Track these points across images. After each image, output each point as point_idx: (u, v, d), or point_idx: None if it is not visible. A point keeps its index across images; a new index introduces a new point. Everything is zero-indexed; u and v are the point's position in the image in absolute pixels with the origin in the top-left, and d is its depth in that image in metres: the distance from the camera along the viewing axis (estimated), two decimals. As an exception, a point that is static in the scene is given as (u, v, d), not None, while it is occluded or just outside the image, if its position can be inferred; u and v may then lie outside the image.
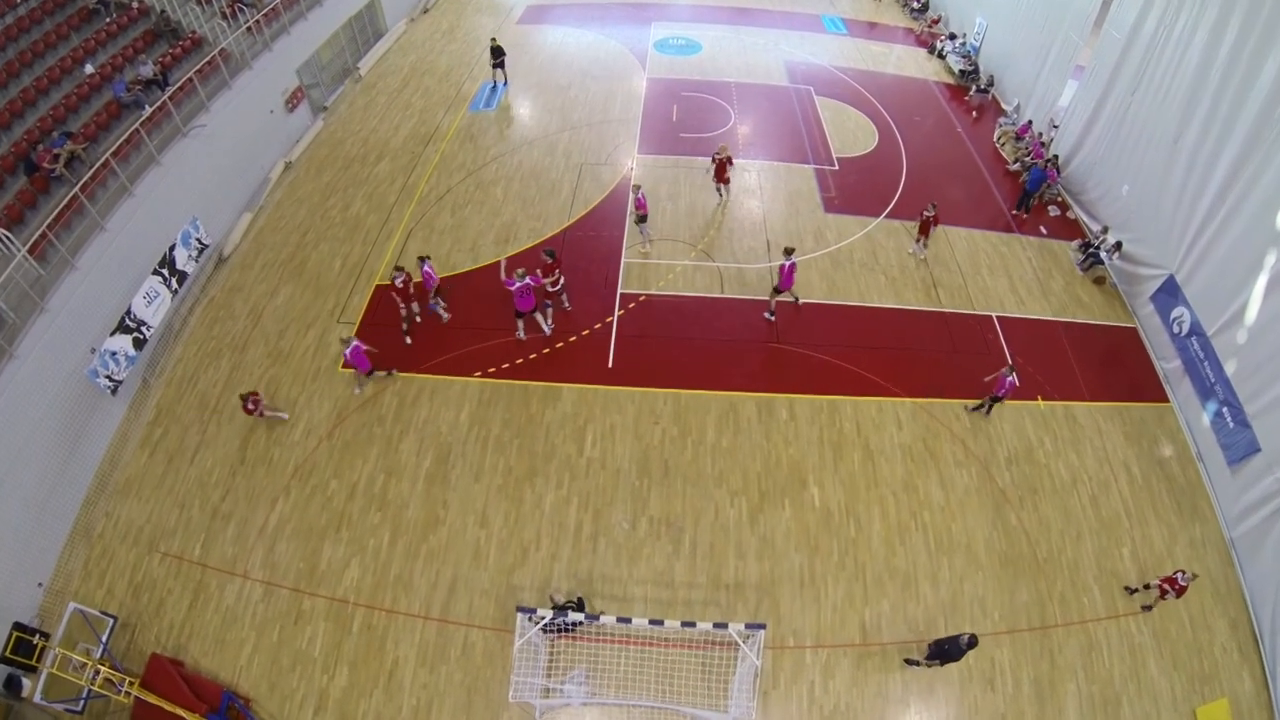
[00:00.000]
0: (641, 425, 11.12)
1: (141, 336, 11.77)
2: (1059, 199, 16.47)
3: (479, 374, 11.87)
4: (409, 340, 12.45)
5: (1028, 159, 17.26)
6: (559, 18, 24.37)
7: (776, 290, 12.61)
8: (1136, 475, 11.23)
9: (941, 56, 22.64)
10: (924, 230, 14.20)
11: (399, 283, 11.92)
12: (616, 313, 12.90)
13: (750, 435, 11.04)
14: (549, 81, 20.40)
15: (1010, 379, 10.77)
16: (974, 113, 20.15)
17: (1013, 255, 14.96)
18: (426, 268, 12.29)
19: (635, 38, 23.10)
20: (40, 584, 9.47)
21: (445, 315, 12.71)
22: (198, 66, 14.07)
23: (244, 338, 12.76)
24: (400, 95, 19.68)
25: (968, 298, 13.77)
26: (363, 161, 17.02)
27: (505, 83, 19.87)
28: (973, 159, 18.21)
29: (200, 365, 12.36)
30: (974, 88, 20.68)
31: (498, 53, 19.42)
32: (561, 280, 12.38)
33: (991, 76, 20.68)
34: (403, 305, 12.25)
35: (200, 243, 13.40)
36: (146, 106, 12.95)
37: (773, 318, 12.82)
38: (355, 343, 11.01)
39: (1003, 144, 18.65)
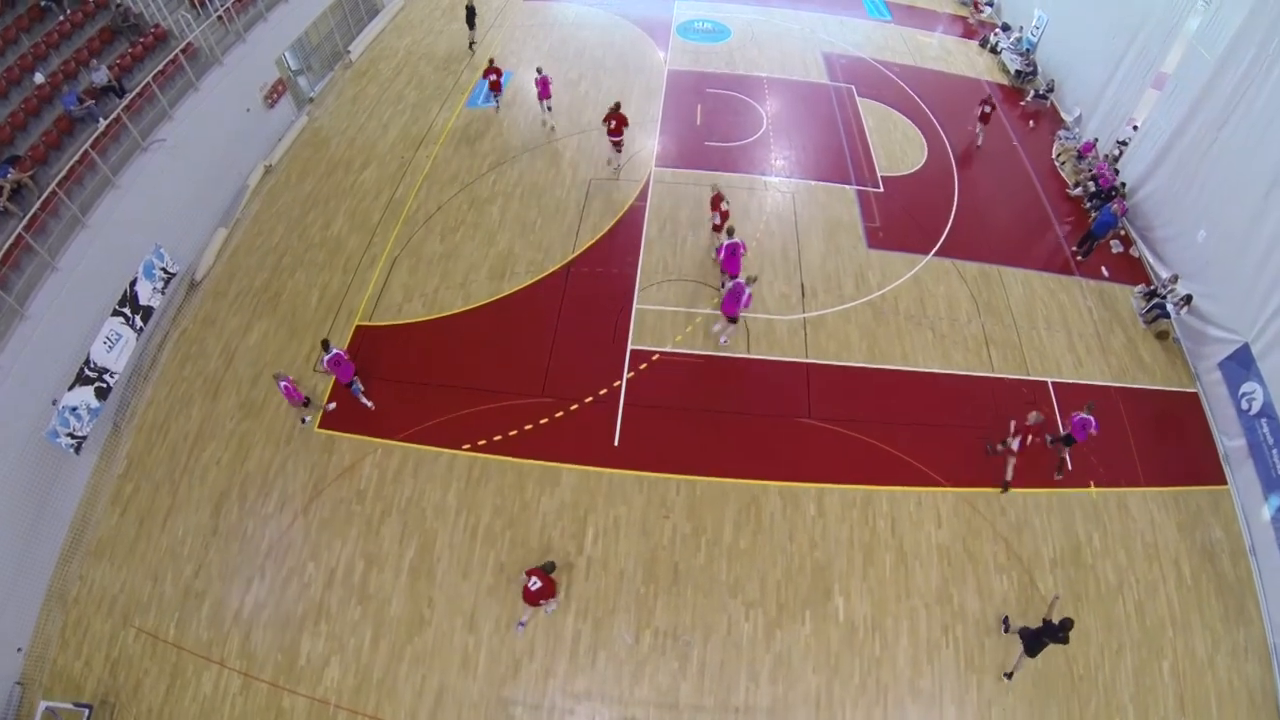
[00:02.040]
0: (650, 519, 10.01)
1: (105, 385, 10.74)
2: (1122, 232, 14.82)
3: (467, 446, 10.70)
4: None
5: (1091, 184, 15.47)
6: (572, -9, 22.00)
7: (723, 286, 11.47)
8: (1186, 575, 10.22)
9: (994, 51, 20.35)
10: (985, 119, 16.27)
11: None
12: (625, 375, 11.55)
13: (772, 535, 9.94)
14: (556, 74, 18.27)
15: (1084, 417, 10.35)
16: (1030, 121, 18.12)
17: (1072, 304, 13.46)
18: (333, 354, 10.30)
19: (656, 19, 20.86)
20: (20, 649, 9.03)
21: (368, 403, 11.02)
22: (159, 68, 12.40)
23: (216, 381, 11.69)
24: (392, 85, 17.86)
25: (1022, 360, 12.38)
26: (347, 168, 15.44)
27: (472, 45, 19.37)
28: (1029, 180, 16.37)
29: (171, 411, 11.37)
30: (1031, 92, 18.58)
31: (471, 12, 19.10)
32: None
33: (1052, 81, 18.51)
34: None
35: (166, 272, 12.15)
36: (101, 120, 11.44)
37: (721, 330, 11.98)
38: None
39: (1063, 163, 16.76)
